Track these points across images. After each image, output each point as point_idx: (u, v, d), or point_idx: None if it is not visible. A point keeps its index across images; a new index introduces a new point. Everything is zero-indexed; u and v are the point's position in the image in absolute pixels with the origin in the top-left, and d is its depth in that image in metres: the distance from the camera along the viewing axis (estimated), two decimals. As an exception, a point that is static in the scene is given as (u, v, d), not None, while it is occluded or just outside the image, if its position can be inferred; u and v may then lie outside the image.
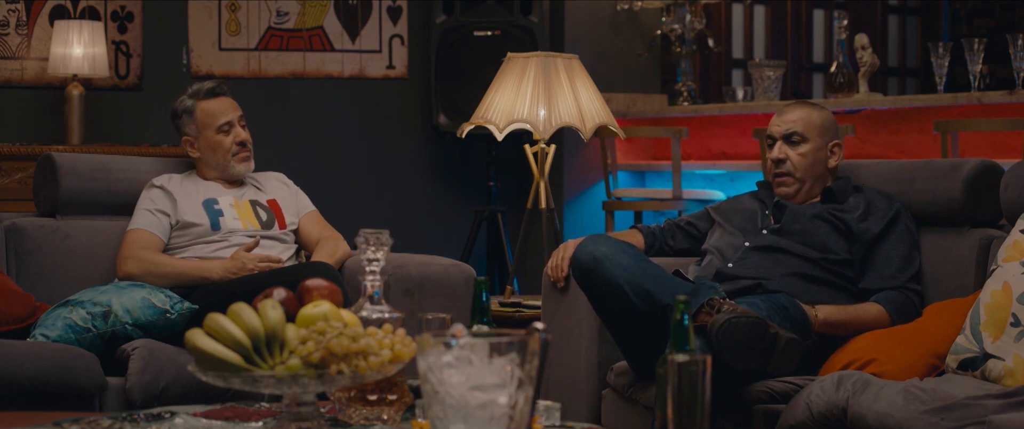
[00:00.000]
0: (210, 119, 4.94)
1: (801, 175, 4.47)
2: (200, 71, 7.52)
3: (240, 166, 4.96)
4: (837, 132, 4.52)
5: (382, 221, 7.46)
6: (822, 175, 4.49)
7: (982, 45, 6.62)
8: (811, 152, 4.47)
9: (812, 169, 4.48)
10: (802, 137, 4.48)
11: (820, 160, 4.48)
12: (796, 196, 4.50)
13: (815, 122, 4.49)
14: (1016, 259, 3.79)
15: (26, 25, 7.16)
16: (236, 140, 4.94)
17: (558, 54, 5.79)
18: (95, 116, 7.13)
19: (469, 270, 4.90)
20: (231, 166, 4.95)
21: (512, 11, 7.73)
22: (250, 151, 4.99)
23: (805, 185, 4.49)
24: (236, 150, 4.94)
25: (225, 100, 4.98)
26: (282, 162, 5.33)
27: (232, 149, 4.94)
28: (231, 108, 4.97)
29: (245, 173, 4.98)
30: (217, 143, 4.93)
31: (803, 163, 4.47)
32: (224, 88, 5.02)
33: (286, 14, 7.75)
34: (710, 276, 4.30)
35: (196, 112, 4.95)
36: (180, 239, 4.81)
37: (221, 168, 4.95)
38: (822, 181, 4.50)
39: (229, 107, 4.97)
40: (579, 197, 8.15)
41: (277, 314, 2.67)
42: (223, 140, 4.93)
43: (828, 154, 4.49)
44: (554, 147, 5.88)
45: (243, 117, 4.99)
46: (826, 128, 4.49)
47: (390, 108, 8.00)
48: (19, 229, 4.84)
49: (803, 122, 4.49)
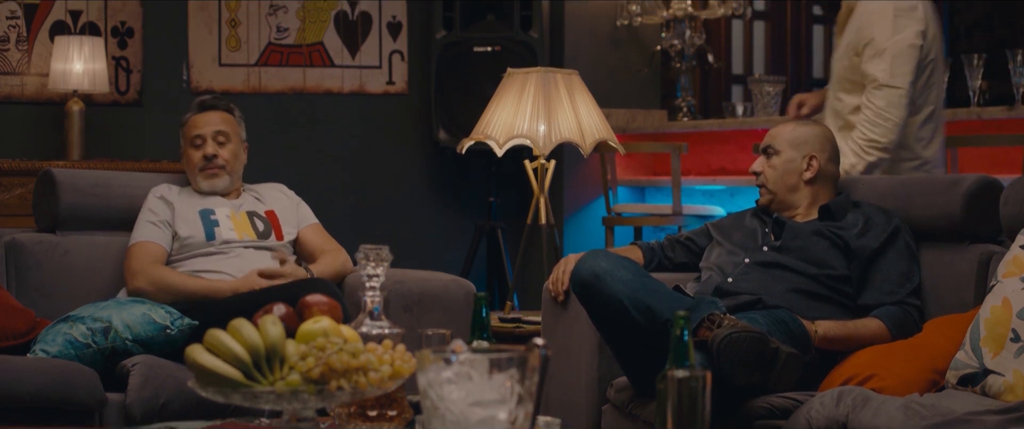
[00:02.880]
0: (189, 131, 4.95)
1: (773, 186, 4.53)
2: (200, 87, 7.52)
3: (205, 182, 4.92)
4: (821, 146, 4.52)
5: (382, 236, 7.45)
6: (795, 186, 4.51)
7: (982, 61, 6.62)
8: (781, 164, 4.52)
9: (783, 180, 4.51)
10: (775, 150, 4.53)
11: (791, 171, 4.51)
12: (772, 205, 4.54)
13: (787, 136, 4.54)
14: (1016, 274, 3.79)
15: (26, 41, 7.17)
16: (203, 154, 4.91)
17: (558, 70, 5.79)
18: (95, 132, 7.13)
19: (469, 286, 4.90)
20: (197, 180, 4.92)
21: (512, 27, 7.74)
22: (220, 167, 4.92)
23: (778, 196, 4.52)
24: (202, 165, 4.91)
25: (211, 115, 4.96)
26: (282, 178, 5.31)
27: (199, 164, 4.91)
28: (210, 123, 4.93)
29: (212, 189, 4.94)
30: (188, 156, 4.94)
31: (773, 174, 4.53)
32: (216, 102, 5.01)
33: (286, 30, 7.75)
34: (710, 292, 4.30)
35: (185, 126, 4.96)
36: (178, 252, 4.80)
37: (194, 181, 4.94)
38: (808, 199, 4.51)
39: (210, 121, 4.93)
40: (579, 212, 8.15)
41: (277, 330, 2.68)
42: (193, 154, 4.92)
43: (802, 166, 4.50)
44: (554, 162, 5.88)
45: (222, 133, 4.95)
46: (801, 141, 4.52)
47: (390, 124, 8.01)
48: (19, 244, 4.84)
49: (778, 135, 4.57)
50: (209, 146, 4.91)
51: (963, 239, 4.33)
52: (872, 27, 5.05)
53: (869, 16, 5.07)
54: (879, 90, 5.01)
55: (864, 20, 5.08)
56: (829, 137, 4.57)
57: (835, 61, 5.25)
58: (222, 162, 4.92)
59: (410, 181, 8.09)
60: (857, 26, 5.10)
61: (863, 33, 5.07)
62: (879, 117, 5.01)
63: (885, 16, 5.04)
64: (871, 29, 5.05)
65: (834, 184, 4.55)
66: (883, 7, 5.08)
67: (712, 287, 4.34)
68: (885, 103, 5.00)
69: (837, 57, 5.23)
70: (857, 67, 5.11)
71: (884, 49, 5.02)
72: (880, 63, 5.01)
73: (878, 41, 5.03)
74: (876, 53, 5.02)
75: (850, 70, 5.13)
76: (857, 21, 5.11)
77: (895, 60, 5.02)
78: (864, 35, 5.07)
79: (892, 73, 5.00)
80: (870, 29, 5.05)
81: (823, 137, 4.55)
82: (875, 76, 5.01)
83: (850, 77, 5.16)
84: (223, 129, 4.94)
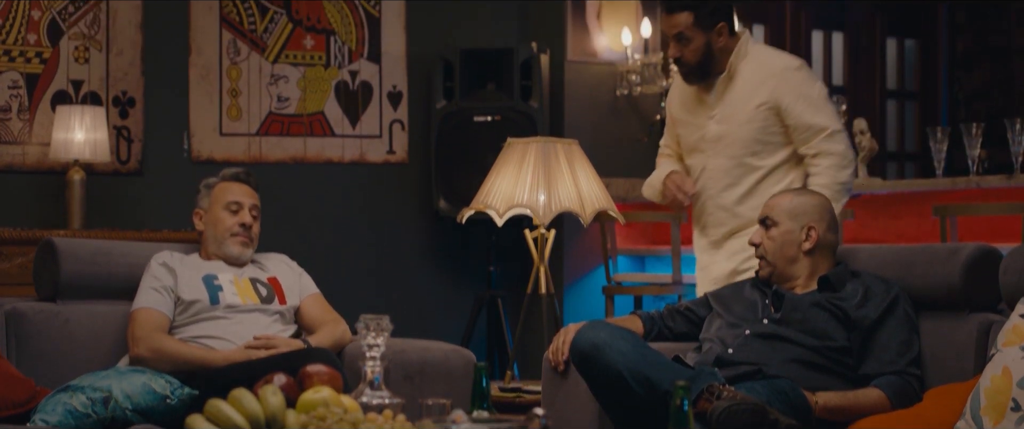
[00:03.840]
0: (224, 195, 4.97)
1: (772, 258, 4.50)
2: (201, 156, 7.54)
3: (235, 248, 4.95)
4: (819, 216, 4.51)
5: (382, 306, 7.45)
6: (795, 257, 4.49)
7: (980, 130, 6.65)
8: (779, 235, 4.50)
9: (782, 252, 4.49)
10: (773, 221, 4.51)
11: (790, 242, 4.49)
12: (772, 277, 4.51)
13: (785, 206, 4.52)
14: (1016, 343, 3.79)
15: (28, 110, 7.19)
16: (240, 222, 4.96)
17: (558, 139, 5.82)
18: (96, 201, 7.14)
19: (469, 355, 4.90)
20: (226, 244, 4.95)
21: (512, 96, 7.77)
22: (250, 239, 4.98)
23: (777, 267, 4.49)
24: (237, 230, 4.95)
25: (246, 187, 5.02)
26: (283, 246, 5.32)
27: (233, 228, 4.95)
28: (248, 195, 5.00)
29: (239, 256, 4.97)
30: (220, 219, 4.96)
31: (772, 246, 4.50)
32: (252, 180, 5.06)
33: (287, 99, 7.78)
34: (710, 362, 4.30)
35: (215, 188, 4.99)
36: (181, 317, 4.81)
37: (218, 244, 4.96)
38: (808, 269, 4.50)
39: (247, 193, 5.00)
40: (579, 281, 8.16)
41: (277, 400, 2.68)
42: (227, 218, 4.95)
43: (801, 237, 4.49)
44: (554, 232, 5.89)
45: (256, 208, 5.01)
46: (800, 212, 4.50)
47: (390, 193, 8.03)
48: (19, 313, 4.84)
49: (776, 206, 4.54)
50: (246, 215, 4.95)
51: (962, 308, 4.32)
52: (788, 83, 5.03)
53: (774, 76, 5.03)
54: (833, 136, 4.99)
55: (770, 82, 5.03)
56: (827, 207, 4.57)
57: (734, 128, 5.12)
58: (254, 234, 4.98)
59: (410, 250, 8.09)
60: (769, 88, 5.02)
61: (779, 91, 5.02)
62: (844, 159, 4.99)
63: (794, 71, 5.07)
64: (788, 85, 5.02)
65: (833, 253, 4.55)
66: (786, 66, 5.09)
67: (713, 357, 4.33)
68: (843, 147, 5.01)
69: (738, 123, 5.10)
70: (772, 127, 5.06)
71: (814, 98, 5.03)
72: (820, 113, 5.01)
73: (807, 93, 5.03)
74: (811, 104, 5.00)
75: (763, 131, 5.07)
76: (764, 84, 5.02)
77: (828, 106, 5.06)
78: (782, 92, 5.02)
79: (834, 118, 5.02)
80: (786, 86, 5.02)
81: (821, 207, 4.54)
82: (824, 124, 4.97)
83: (763, 138, 5.07)
84: (257, 204, 5.00)
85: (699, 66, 5.10)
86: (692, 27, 5.05)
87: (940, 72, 10.72)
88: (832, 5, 10.39)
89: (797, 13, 10.18)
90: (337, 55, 7.90)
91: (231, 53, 7.67)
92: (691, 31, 5.05)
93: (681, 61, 5.12)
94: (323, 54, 7.87)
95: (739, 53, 5.10)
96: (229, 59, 7.67)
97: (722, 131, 5.09)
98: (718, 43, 5.08)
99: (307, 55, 7.84)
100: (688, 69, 5.14)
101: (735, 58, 5.10)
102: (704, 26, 5.05)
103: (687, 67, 5.14)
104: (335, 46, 7.89)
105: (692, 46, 5.07)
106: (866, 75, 10.50)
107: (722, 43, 5.09)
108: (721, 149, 5.11)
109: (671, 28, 5.10)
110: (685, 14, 5.05)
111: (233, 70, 7.67)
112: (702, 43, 5.07)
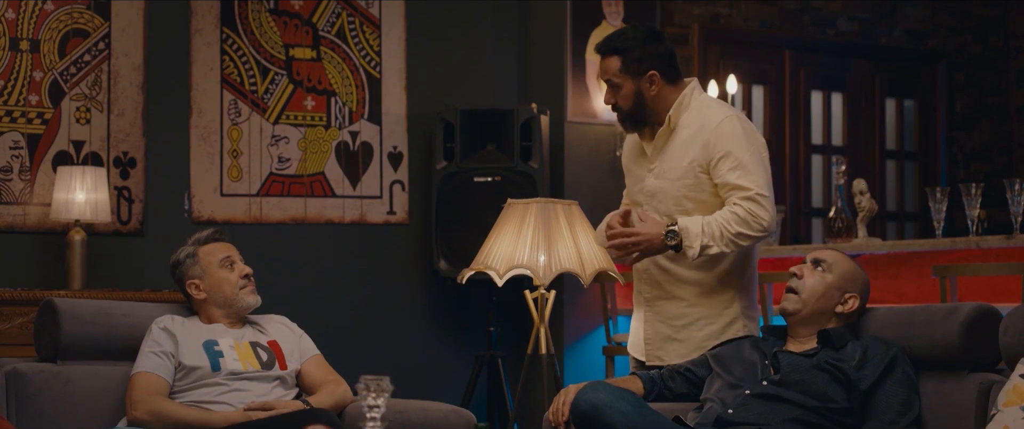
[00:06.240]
0: (213, 256, 4.98)
1: (807, 297, 4.50)
2: (202, 217, 7.56)
3: (249, 298, 4.97)
4: (863, 291, 4.55)
5: (382, 366, 7.45)
6: (827, 312, 4.50)
7: (980, 190, 6.66)
8: (827, 284, 4.52)
9: (821, 300, 4.50)
10: (828, 267, 4.52)
11: (831, 298, 4.51)
12: (789, 318, 4.51)
13: (844, 265, 4.55)
14: (1016, 403, 3.79)
15: (29, 170, 7.21)
16: (241, 273, 4.97)
17: (558, 200, 5.82)
18: (97, 261, 7.15)
19: (469, 416, 4.89)
20: (239, 298, 4.96)
21: (512, 157, 7.79)
22: (254, 285, 5.01)
23: (804, 310, 4.49)
24: (243, 283, 4.97)
25: (224, 243, 5.04)
26: (283, 307, 5.33)
27: (239, 282, 4.97)
28: (231, 248, 5.02)
29: (255, 305, 4.99)
30: (223, 279, 4.96)
31: (815, 287, 4.51)
32: (222, 235, 5.08)
33: (288, 160, 7.80)
34: (710, 422, 4.30)
35: (198, 255, 4.99)
36: (182, 382, 4.81)
37: (229, 303, 4.96)
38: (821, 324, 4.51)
39: (229, 247, 5.03)
40: (579, 342, 8.15)
41: (278, 460, 2.68)
42: (229, 275, 4.96)
43: (842, 299, 4.51)
44: (554, 292, 5.90)
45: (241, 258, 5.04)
46: (853, 279, 4.54)
47: (391, 254, 8.03)
48: (20, 374, 4.84)
49: (836, 261, 4.56)
50: (242, 266, 4.98)
51: (962, 368, 4.32)
52: (720, 139, 4.78)
53: (705, 131, 4.82)
54: (755, 200, 4.74)
55: (701, 137, 4.83)
56: (868, 287, 4.61)
57: (667, 183, 4.92)
58: (253, 279, 5.00)
59: (410, 311, 8.09)
60: (701, 143, 4.82)
61: (710, 148, 4.80)
62: (751, 217, 4.73)
63: (734, 129, 4.82)
64: (719, 141, 4.78)
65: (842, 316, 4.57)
66: (722, 119, 4.85)
67: (712, 418, 4.33)
68: (760, 210, 4.79)
69: (671, 178, 4.91)
70: (704, 185, 4.91)
71: (744, 158, 4.78)
72: (748, 176, 4.76)
73: (735, 151, 4.78)
74: (737, 165, 4.77)
75: (694, 189, 4.89)
76: (696, 139, 4.85)
77: (759, 169, 4.80)
78: (712, 149, 4.80)
79: (761, 182, 4.77)
80: (718, 141, 4.78)
81: (866, 284, 4.58)
82: (743, 185, 4.75)
83: (694, 196, 4.89)
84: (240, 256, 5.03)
85: (630, 115, 4.94)
86: (619, 73, 4.89)
87: (939, 132, 10.74)
88: (832, 66, 10.42)
89: (797, 73, 10.21)
90: (338, 116, 7.92)
91: (232, 114, 7.69)
92: (619, 77, 4.90)
93: (615, 107, 4.97)
94: (324, 115, 7.90)
95: (681, 105, 4.92)
96: (230, 120, 7.69)
97: (657, 186, 4.92)
98: (650, 91, 4.90)
99: (308, 116, 7.86)
100: (622, 116, 4.99)
101: (676, 110, 4.91)
102: (632, 73, 4.89)
103: (621, 114, 4.99)
104: (336, 107, 7.92)
105: (622, 92, 4.91)
106: (866, 135, 10.53)
107: (655, 92, 4.90)
108: (655, 205, 4.94)
109: (602, 73, 4.96)
110: (613, 58, 4.91)
111: (234, 131, 7.69)
112: (631, 90, 4.90)
